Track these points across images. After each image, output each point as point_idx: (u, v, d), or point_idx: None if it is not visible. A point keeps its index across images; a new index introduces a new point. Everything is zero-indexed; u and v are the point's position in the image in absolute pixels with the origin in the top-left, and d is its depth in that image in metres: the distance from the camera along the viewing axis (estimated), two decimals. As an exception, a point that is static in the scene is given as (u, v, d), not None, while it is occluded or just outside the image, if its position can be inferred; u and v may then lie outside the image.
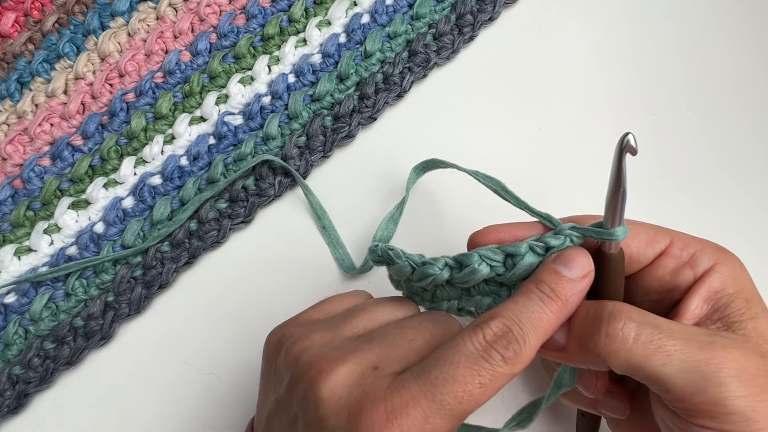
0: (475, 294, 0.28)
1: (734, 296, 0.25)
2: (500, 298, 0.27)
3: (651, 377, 0.22)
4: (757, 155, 0.40)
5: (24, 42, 0.41)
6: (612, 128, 0.40)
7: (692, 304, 0.25)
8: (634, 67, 0.42)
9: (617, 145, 0.24)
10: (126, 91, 0.40)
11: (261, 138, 0.39)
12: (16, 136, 0.39)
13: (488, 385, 0.22)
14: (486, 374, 0.22)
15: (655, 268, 0.26)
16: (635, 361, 0.22)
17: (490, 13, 0.42)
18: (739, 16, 0.43)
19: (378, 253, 0.29)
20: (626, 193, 0.24)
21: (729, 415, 0.21)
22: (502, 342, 0.22)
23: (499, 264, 0.26)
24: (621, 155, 0.24)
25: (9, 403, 0.35)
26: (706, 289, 0.25)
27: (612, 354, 0.23)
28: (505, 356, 0.22)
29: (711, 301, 0.25)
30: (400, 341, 0.24)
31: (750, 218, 0.39)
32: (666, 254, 0.26)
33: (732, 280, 0.25)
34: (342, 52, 0.41)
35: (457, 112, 0.41)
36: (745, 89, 0.41)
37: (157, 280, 0.37)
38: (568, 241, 0.25)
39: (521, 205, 0.29)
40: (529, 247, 0.25)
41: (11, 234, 0.38)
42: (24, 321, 0.36)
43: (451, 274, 0.27)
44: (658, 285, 0.26)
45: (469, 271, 0.26)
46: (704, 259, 0.26)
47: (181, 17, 0.42)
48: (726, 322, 0.24)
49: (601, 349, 0.23)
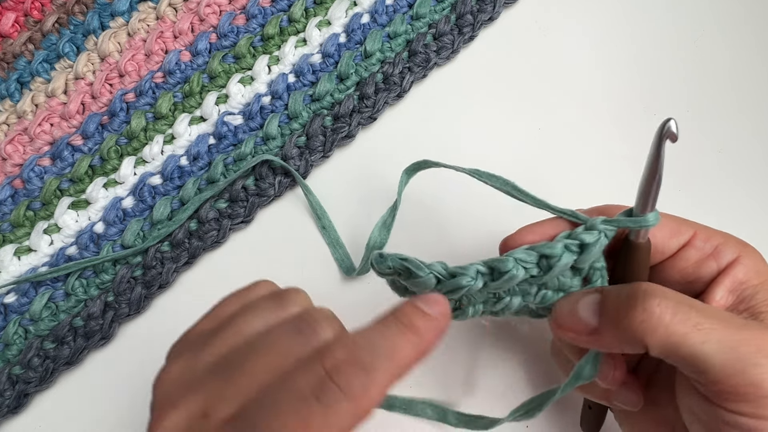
0: (505, 296, 0.27)
1: (759, 287, 0.25)
2: (530, 296, 0.26)
3: (688, 357, 0.22)
4: (757, 155, 0.40)
5: (24, 42, 0.41)
6: (612, 128, 0.40)
7: (717, 294, 0.25)
8: (634, 67, 0.42)
9: (657, 131, 0.23)
10: (126, 91, 0.40)
11: (261, 138, 0.39)
12: (16, 136, 0.39)
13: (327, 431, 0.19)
14: (318, 420, 0.18)
15: (678, 260, 0.26)
16: (673, 338, 0.22)
17: (490, 13, 0.42)
18: (739, 16, 0.43)
19: (387, 264, 0.25)
20: (661, 181, 0.24)
21: (765, 398, 0.21)
22: (347, 372, 0.19)
23: (533, 266, 0.25)
24: (660, 141, 0.23)
25: (9, 403, 0.35)
26: (731, 280, 0.25)
27: (650, 331, 0.22)
28: (346, 390, 0.19)
29: (736, 292, 0.25)
30: (242, 373, 0.21)
31: (750, 218, 0.39)
32: (690, 246, 0.26)
33: (756, 273, 0.25)
34: (342, 52, 0.41)
35: (457, 112, 0.41)
36: (745, 89, 0.41)
37: (157, 280, 0.37)
38: (602, 236, 0.25)
39: (539, 203, 0.28)
40: (564, 247, 0.24)
41: (11, 234, 0.38)
42: (24, 321, 0.36)
43: (485, 281, 0.25)
44: (681, 276, 0.26)
45: (508, 278, 0.24)
46: (727, 251, 0.26)
47: (181, 17, 0.42)
48: (752, 312, 0.24)
49: (638, 326, 0.22)
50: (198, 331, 0.25)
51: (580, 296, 0.26)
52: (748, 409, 0.21)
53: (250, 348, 0.22)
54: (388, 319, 0.22)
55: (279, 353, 0.21)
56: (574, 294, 0.26)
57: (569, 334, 0.25)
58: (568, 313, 0.26)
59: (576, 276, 0.26)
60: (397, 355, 0.21)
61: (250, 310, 0.24)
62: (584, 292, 0.26)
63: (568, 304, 0.26)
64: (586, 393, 0.30)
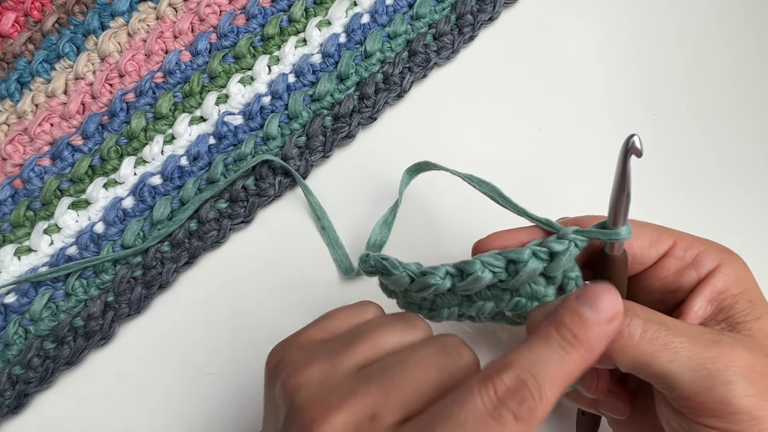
0: (477, 300, 0.27)
1: (738, 297, 0.25)
2: (503, 302, 0.27)
3: (657, 374, 0.22)
4: (757, 155, 0.40)
5: (24, 42, 0.41)
6: (612, 128, 0.40)
7: (696, 304, 0.25)
8: (634, 67, 0.42)
9: (622, 147, 0.23)
10: (126, 91, 0.40)
11: (261, 138, 0.39)
12: (16, 136, 0.39)
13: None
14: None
15: (658, 269, 0.26)
16: (642, 358, 0.22)
17: (490, 13, 0.42)
18: (739, 16, 0.43)
19: (370, 263, 0.27)
20: (630, 195, 0.24)
21: (735, 415, 0.21)
22: (515, 398, 0.20)
23: (501, 270, 0.25)
24: (626, 157, 0.23)
25: (9, 403, 0.35)
26: (710, 290, 0.25)
27: (618, 351, 0.22)
28: (518, 415, 0.20)
29: (715, 302, 0.25)
30: (402, 382, 0.22)
31: (750, 218, 0.39)
32: (669, 255, 0.26)
33: (736, 281, 0.25)
34: (342, 52, 0.41)
35: (457, 112, 0.41)
36: (745, 89, 0.41)
37: (157, 280, 0.37)
38: (572, 246, 0.25)
39: (519, 211, 0.28)
40: (532, 253, 0.25)
41: (11, 234, 0.38)
42: (24, 321, 0.36)
43: (453, 282, 0.26)
44: (662, 286, 0.26)
45: (472, 280, 0.25)
46: (708, 260, 0.25)
47: (181, 17, 0.42)
48: (730, 323, 0.24)
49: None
50: (308, 337, 0.25)
51: (551, 308, 0.25)
52: (719, 424, 0.21)
53: (401, 360, 0.22)
54: (549, 335, 0.22)
55: (433, 368, 0.22)
56: (547, 304, 0.26)
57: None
58: (538, 325, 0.25)
59: (550, 285, 0.26)
60: (559, 377, 0.21)
61: (385, 327, 0.24)
62: (555, 303, 0.25)
63: (538, 317, 0.25)
64: (574, 401, 0.30)
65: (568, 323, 0.21)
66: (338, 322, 0.26)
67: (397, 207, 0.37)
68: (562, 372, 0.21)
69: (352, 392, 0.21)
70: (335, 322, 0.26)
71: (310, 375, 0.23)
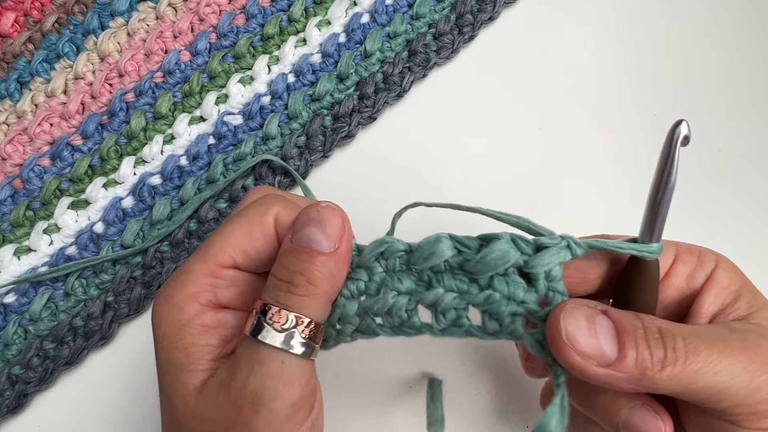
0: (437, 286, 0.24)
1: (741, 290, 0.26)
2: (469, 295, 0.23)
3: (704, 391, 0.22)
4: (757, 155, 0.40)
5: (24, 42, 0.41)
6: (612, 128, 0.40)
7: (706, 301, 0.25)
8: (634, 67, 0.42)
9: (667, 137, 0.20)
10: (125, 91, 0.40)
11: (261, 138, 0.39)
12: (15, 136, 0.39)
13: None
14: None
15: (671, 278, 0.26)
16: (687, 379, 0.21)
17: (490, 13, 0.42)
18: (739, 16, 0.43)
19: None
20: (673, 194, 0.21)
21: None
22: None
23: (470, 252, 0.23)
24: (673, 148, 0.20)
25: (9, 403, 0.35)
26: (716, 287, 0.26)
27: (664, 379, 0.21)
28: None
29: (721, 297, 0.26)
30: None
31: (750, 218, 0.39)
32: (678, 261, 0.26)
33: (735, 276, 0.26)
34: (342, 52, 0.41)
35: (457, 111, 0.41)
36: (744, 89, 0.41)
37: (157, 280, 0.37)
38: (563, 243, 0.23)
39: (519, 223, 0.25)
40: (510, 238, 0.23)
41: (11, 234, 0.38)
42: (24, 321, 0.36)
43: (409, 248, 0.24)
44: (678, 293, 0.26)
45: (429, 243, 0.23)
46: (708, 259, 0.26)
47: (181, 17, 0.42)
48: (738, 315, 0.25)
49: (656, 373, 0.21)
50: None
51: (593, 314, 0.22)
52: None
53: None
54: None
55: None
56: (582, 307, 0.22)
57: (576, 360, 0.22)
58: (587, 333, 0.22)
59: (531, 290, 0.23)
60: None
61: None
62: (593, 309, 0.22)
63: (585, 321, 0.22)
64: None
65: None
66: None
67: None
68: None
69: None
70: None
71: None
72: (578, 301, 0.23)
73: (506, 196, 0.39)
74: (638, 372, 0.21)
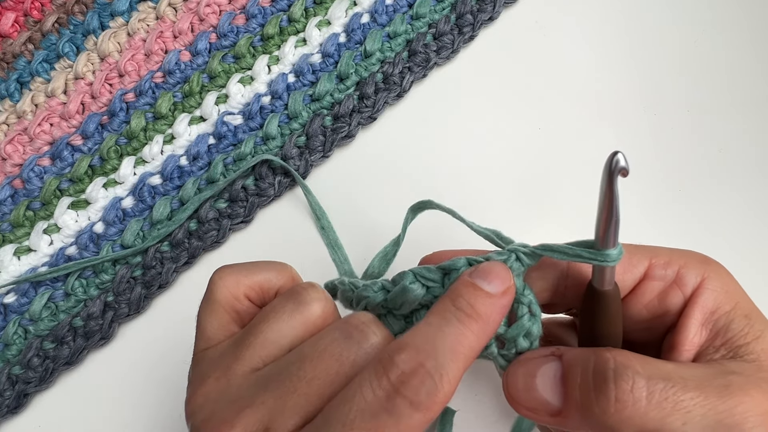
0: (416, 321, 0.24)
1: (732, 314, 0.22)
2: None
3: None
4: (757, 155, 0.40)
5: (24, 42, 0.41)
6: (612, 128, 0.40)
7: (690, 331, 0.22)
8: (634, 66, 0.42)
9: (605, 167, 0.20)
10: (125, 91, 0.40)
11: (261, 138, 0.39)
12: (15, 136, 0.39)
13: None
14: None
15: (639, 296, 0.23)
16: (651, 425, 0.19)
17: (490, 13, 0.42)
18: (739, 16, 0.43)
19: (329, 285, 0.27)
20: (620, 218, 0.20)
21: None
22: (412, 382, 0.18)
23: (436, 285, 0.22)
24: (612, 179, 0.20)
25: (9, 403, 0.35)
26: (701, 311, 0.22)
27: (623, 421, 0.20)
28: (415, 401, 0.18)
29: (709, 324, 0.22)
30: (299, 383, 0.20)
31: (750, 218, 0.39)
32: (648, 277, 0.23)
33: (725, 296, 0.23)
34: (342, 52, 0.41)
35: (457, 112, 0.41)
36: (744, 89, 0.41)
37: (157, 280, 0.37)
38: (512, 257, 0.22)
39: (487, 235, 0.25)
40: (467, 263, 0.22)
41: (11, 234, 0.38)
42: (24, 321, 0.36)
43: (385, 296, 0.24)
44: (647, 313, 0.24)
45: (400, 290, 0.23)
46: (690, 275, 0.23)
47: (181, 17, 0.42)
48: (730, 347, 0.22)
49: (610, 416, 0.20)
50: (203, 352, 0.24)
51: (536, 366, 0.22)
52: None
53: (298, 357, 0.21)
54: (446, 309, 0.20)
55: (333, 359, 0.20)
56: (528, 361, 0.22)
57: (525, 413, 0.22)
58: (524, 388, 0.22)
59: None
60: (460, 351, 0.19)
61: (272, 316, 0.22)
62: (540, 358, 0.22)
63: (523, 377, 0.22)
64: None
65: (463, 294, 0.21)
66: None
67: (399, 244, 0.34)
68: (462, 345, 0.20)
69: (247, 404, 0.20)
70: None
71: (207, 391, 0.21)
72: (530, 354, 0.22)
73: (506, 195, 0.39)
74: (584, 417, 0.20)
